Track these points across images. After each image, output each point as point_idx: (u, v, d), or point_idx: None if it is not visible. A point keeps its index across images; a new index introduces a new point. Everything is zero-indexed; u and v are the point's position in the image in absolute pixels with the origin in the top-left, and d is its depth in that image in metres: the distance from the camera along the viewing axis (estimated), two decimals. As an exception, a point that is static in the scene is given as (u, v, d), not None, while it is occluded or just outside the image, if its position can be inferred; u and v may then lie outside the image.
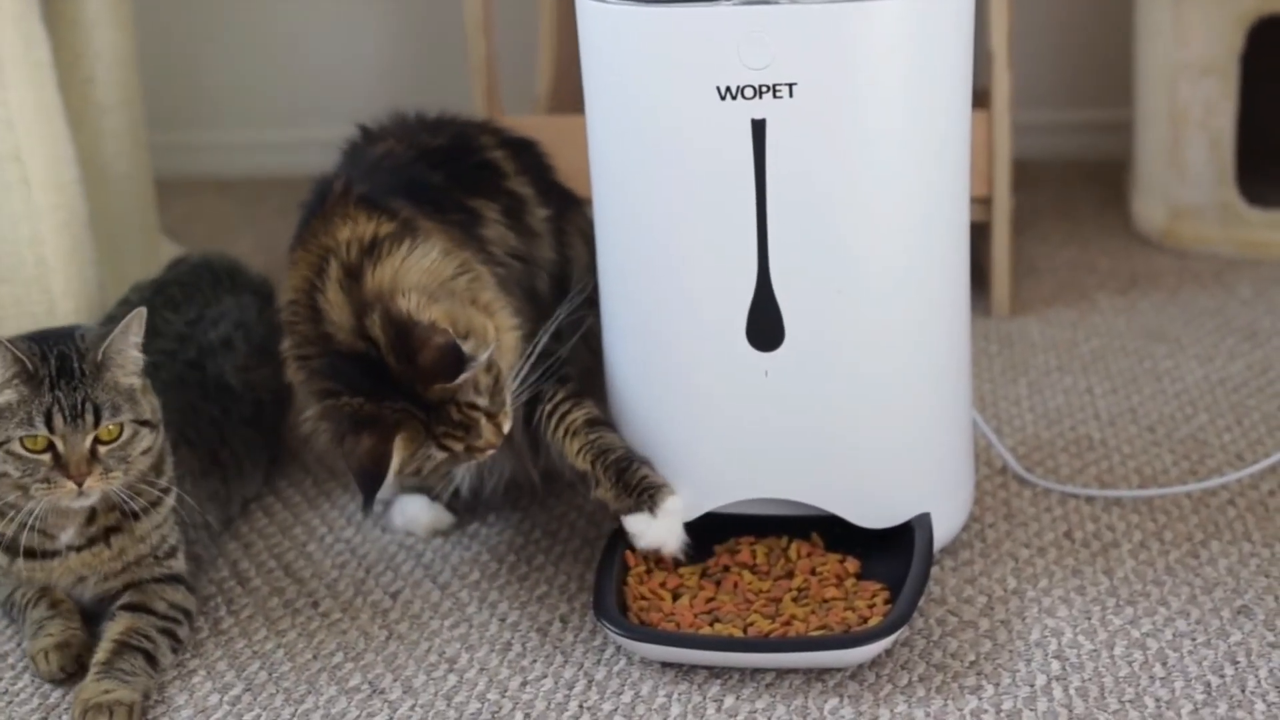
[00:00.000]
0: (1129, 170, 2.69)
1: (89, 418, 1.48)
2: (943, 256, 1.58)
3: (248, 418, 1.82)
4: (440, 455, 1.57)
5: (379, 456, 1.52)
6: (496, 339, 1.57)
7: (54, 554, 1.55)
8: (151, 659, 1.51)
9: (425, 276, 1.59)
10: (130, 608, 1.55)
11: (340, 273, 1.58)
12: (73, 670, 1.53)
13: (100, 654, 1.50)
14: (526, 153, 1.87)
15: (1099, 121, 3.00)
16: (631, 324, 1.62)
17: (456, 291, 1.60)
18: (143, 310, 1.54)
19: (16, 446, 1.47)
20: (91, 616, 1.59)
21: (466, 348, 1.52)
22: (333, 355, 1.56)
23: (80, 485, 1.48)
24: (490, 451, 1.59)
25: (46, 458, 1.48)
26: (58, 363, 1.49)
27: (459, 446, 1.57)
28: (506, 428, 1.59)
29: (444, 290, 1.58)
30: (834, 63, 1.47)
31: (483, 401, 1.56)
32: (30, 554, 1.54)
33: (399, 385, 1.54)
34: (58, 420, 1.47)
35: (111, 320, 1.82)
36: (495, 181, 1.80)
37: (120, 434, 1.50)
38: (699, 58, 1.48)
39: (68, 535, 1.55)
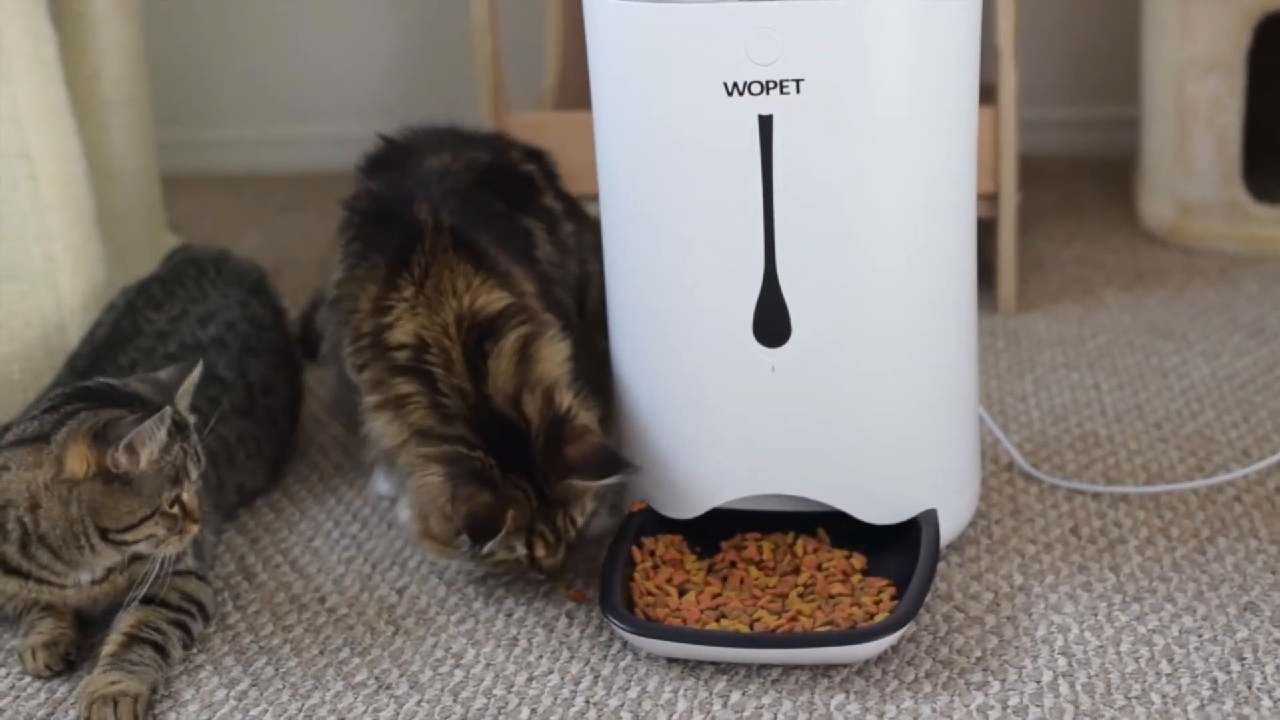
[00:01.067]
0: (1135, 167, 2.69)
1: (202, 462, 1.54)
2: (949, 252, 1.58)
3: (241, 408, 1.82)
4: (520, 551, 1.58)
5: (495, 514, 1.53)
6: None
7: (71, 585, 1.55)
8: (162, 650, 1.52)
9: (558, 364, 1.63)
10: (144, 600, 1.55)
11: (518, 347, 1.61)
12: (59, 668, 1.53)
13: (110, 646, 1.50)
14: (544, 163, 1.88)
15: (1106, 118, 3.00)
16: (637, 320, 1.62)
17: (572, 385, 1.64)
18: (200, 361, 1.60)
19: (167, 506, 1.50)
20: (100, 620, 1.59)
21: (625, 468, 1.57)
22: (484, 413, 1.58)
23: (196, 525, 1.53)
24: (539, 576, 1.61)
25: (177, 509, 1.51)
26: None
27: (540, 553, 1.58)
28: (565, 562, 1.61)
29: (566, 380, 1.63)
30: (841, 58, 1.47)
31: (580, 524, 1.59)
32: (43, 581, 1.54)
33: (530, 469, 1.56)
34: (193, 471, 1.52)
35: (101, 325, 1.82)
36: (536, 199, 1.82)
37: None
38: (706, 54, 1.48)
39: (96, 572, 1.54)
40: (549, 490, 1.56)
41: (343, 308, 1.70)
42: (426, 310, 1.62)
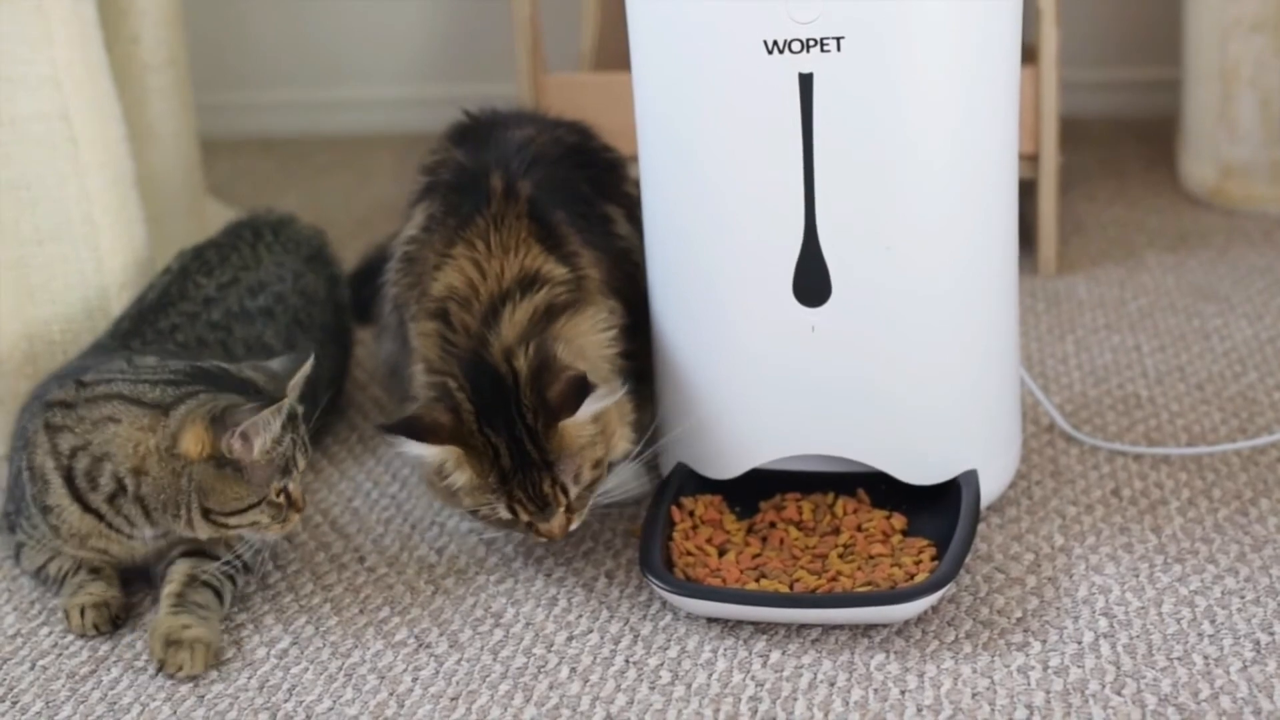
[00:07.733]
0: (1177, 128, 2.67)
1: (309, 452, 1.56)
2: (990, 213, 1.57)
3: None
4: (503, 514, 1.55)
5: (432, 426, 1.51)
6: (614, 439, 1.57)
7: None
8: (219, 597, 1.53)
9: (591, 343, 1.60)
10: (188, 553, 1.56)
11: (543, 307, 1.58)
12: (106, 630, 1.54)
13: (173, 584, 1.51)
14: (619, 154, 1.87)
15: (1148, 79, 2.98)
16: (677, 281, 1.61)
17: (605, 371, 1.60)
18: (312, 353, 1.58)
19: (274, 496, 1.51)
20: (138, 574, 1.60)
21: (595, 393, 1.52)
22: (477, 357, 1.56)
23: (300, 514, 1.54)
24: (544, 541, 1.59)
25: (282, 498, 1.52)
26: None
27: (524, 517, 1.55)
28: (573, 527, 1.57)
29: (599, 362, 1.60)
30: (882, 16, 1.46)
31: (573, 491, 1.55)
32: (116, 529, 1.54)
33: (512, 426, 1.53)
34: (301, 461, 1.53)
35: (152, 288, 1.82)
36: (619, 185, 1.81)
37: None
38: (746, 11, 1.47)
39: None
40: (535, 451, 1.52)
41: (415, 269, 1.70)
42: (473, 266, 1.62)
